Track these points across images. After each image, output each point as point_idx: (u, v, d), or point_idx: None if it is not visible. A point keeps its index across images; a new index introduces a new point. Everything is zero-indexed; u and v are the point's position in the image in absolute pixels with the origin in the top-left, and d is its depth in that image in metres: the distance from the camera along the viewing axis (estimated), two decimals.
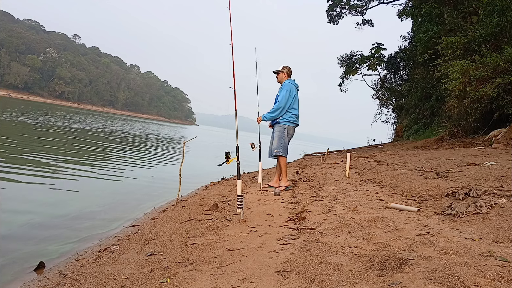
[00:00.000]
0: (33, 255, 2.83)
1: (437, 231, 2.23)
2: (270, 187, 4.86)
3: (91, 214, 4.23)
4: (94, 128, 20.46)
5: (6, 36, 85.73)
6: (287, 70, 4.99)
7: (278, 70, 4.98)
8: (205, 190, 5.56)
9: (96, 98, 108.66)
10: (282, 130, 4.79)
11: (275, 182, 4.92)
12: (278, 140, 4.77)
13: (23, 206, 4.14)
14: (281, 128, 4.80)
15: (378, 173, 5.57)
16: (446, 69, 10.30)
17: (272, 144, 4.85)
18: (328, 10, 23.62)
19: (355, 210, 2.98)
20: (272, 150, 4.81)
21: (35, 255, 2.83)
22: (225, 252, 2.33)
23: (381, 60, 23.15)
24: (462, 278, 1.50)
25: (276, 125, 4.85)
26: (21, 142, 9.57)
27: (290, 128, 4.85)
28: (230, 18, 3.72)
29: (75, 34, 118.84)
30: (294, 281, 1.71)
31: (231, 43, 3.62)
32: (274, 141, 4.81)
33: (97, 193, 5.28)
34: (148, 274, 2.15)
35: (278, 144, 4.77)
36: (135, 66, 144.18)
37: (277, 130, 4.82)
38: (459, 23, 12.29)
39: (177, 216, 3.68)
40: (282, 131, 4.78)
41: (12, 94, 78.48)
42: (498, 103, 8.91)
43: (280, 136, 4.78)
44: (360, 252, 1.99)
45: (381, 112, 25.22)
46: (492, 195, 2.94)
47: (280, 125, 4.81)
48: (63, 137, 13.16)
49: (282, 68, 4.98)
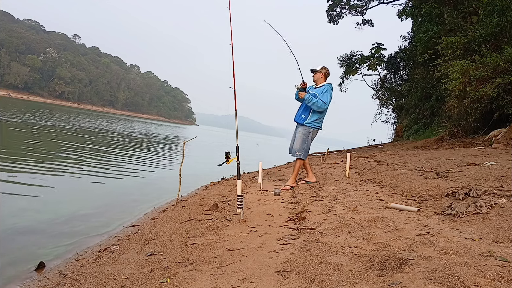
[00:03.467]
0: (33, 255, 2.83)
1: (437, 231, 2.23)
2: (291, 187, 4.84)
3: (91, 214, 4.23)
4: (96, 128, 20.46)
5: (6, 36, 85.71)
6: (326, 71, 4.87)
7: (316, 69, 4.85)
8: (205, 190, 5.56)
9: (96, 98, 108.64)
10: (307, 133, 4.78)
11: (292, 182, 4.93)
12: (302, 143, 4.77)
13: (23, 206, 4.14)
14: (306, 131, 4.78)
15: (378, 173, 5.57)
16: (446, 69, 10.30)
17: (294, 145, 4.84)
18: (328, 10, 23.60)
19: (355, 210, 2.98)
20: (294, 152, 4.82)
21: (35, 255, 2.83)
22: (225, 252, 2.33)
23: (381, 60, 23.14)
24: (462, 278, 1.50)
25: (301, 127, 4.81)
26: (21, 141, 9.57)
27: (315, 132, 4.85)
28: (230, 18, 3.71)
29: (75, 34, 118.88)
30: (294, 281, 1.71)
31: (231, 43, 3.62)
32: (297, 143, 4.80)
33: (96, 193, 5.27)
34: (148, 274, 2.15)
35: (300, 147, 4.78)
36: (135, 66, 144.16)
37: (302, 132, 4.79)
38: (459, 23, 12.29)
39: (177, 216, 3.68)
40: (307, 134, 4.78)
41: (12, 94, 78.46)
42: (498, 103, 8.91)
43: (304, 139, 4.77)
44: (360, 252, 1.99)
45: (381, 112, 25.21)
46: (492, 195, 2.94)
47: (306, 128, 4.78)
48: (65, 136, 13.16)
49: (320, 68, 4.85)
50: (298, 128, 4.88)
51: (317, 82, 4.89)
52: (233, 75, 3.48)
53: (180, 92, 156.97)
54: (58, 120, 21.79)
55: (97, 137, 15.24)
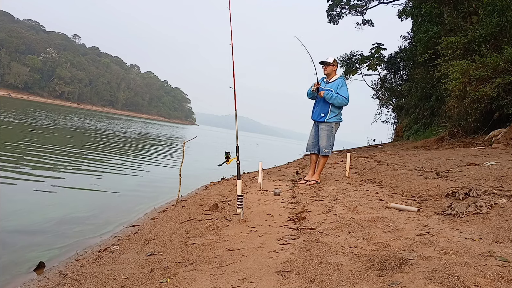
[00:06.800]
0: (33, 255, 2.83)
1: (437, 231, 2.23)
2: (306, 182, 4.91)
3: (90, 214, 4.22)
4: (98, 129, 20.47)
5: (6, 36, 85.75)
6: (337, 64, 4.91)
7: (328, 61, 4.83)
8: (205, 190, 5.56)
9: (96, 98, 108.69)
10: (330, 128, 4.82)
11: (310, 176, 5.01)
12: (327, 139, 4.81)
13: (24, 206, 4.14)
14: (329, 126, 4.81)
15: (378, 173, 5.57)
16: (446, 69, 10.30)
17: (320, 142, 4.87)
18: (328, 10, 23.62)
19: (355, 210, 2.98)
20: (322, 150, 4.85)
21: (35, 255, 2.83)
22: (225, 252, 2.33)
23: (381, 60, 23.13)
24: (462, 278, 1.50)
25: (323, 124, 4.83)
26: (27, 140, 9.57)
27: (337, 125, 4.91)
28: (230, 18, 3.71)
29: (75, 34, 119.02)
30: (294, 281, 1.71)
31: (231, 43, 3.62)
32: (323, 140, 4.83)
33: (96, 193, 5.27)
34: (148, 274, 2.15)
35: (327, 143, 4.82)
36: (135, 66, 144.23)
37: (325, 129, 4.82)
38: (459, 23, 12.29)
39: (177, 216, 3.67)
40: (330, 130, 4.82)
41: (12, 94, 78.50)
42: (498, 103, 8.91)
43: (328, 135, 4.81)
44: (360, 252, 1.99)
45: (381, 112, 25.23)
46: (492, 195, 2.94)
47: (328, 124, 4.81)
48: (65, 135, 13.15)
49: (333, 61, 4.84)
50: (320, 126, 4.88)
51: (330, 75, 4.88)
52: (233, 75, 3.48)
53: (180, 92, 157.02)
54: (59, 120, 21.81)
55: (97, 137, 15.25)
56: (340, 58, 23.84)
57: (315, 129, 5.01)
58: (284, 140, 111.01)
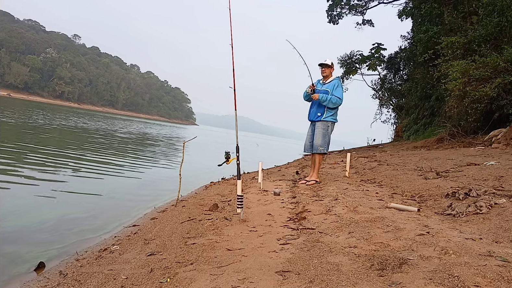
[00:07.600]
0: (33, 255, 2.83)
1: (437, 231, 2.23)
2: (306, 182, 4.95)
3: (90, 214, 4.22)
4: (97, 129, 20.47)
5: (6, 36, 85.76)
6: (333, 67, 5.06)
7: (327, 63, 4.99)
8: (205, 190, 5.56)
9: (96, 98, 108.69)
10: (326, 127, 4.90)
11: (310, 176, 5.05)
12: (323, 137, 4.88)
13: (24, 207, 4.14)
14: (325, 125, 4.90)
15: (378, 173, 5.57)
16: (446, 69, 10.30)
17: (315, 141, 4.92)
18: (328, 10, 23.62)
19: (355, 210, 2.98)
20: (316, 147, 4.91)
21: (35, 255, 2.83)
22: (225, 252, 2.33)
23: (381, 60, 23.14)
24: (462, 278, 1.50)
25: (319, 122, 4.93)
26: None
27: (332, 125, 4.98)
28: (230, 18, 3.71)
29: (75, 34, 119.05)
30: (294, 281, 1.71)
31: (231, 43, 3.62)
32: (318, 138, 4.89)
33: (95, 193, 5.27)
34: (148, 274, 2.15)
35: (323, 141, 4.88)
36: (135, 66, 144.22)
37: (321, 127, 4.90)
38: (459, 23, 12.29)
39: (177, 216, 3.67)
40: (326, 129, 4.90)
41: (12, 94, 78.50)
42: (498, 103, 8.91)
43: (324, 133, 4.89)
44: (360, 252, 1.99)
45: (381, 112, 25.25)
46: (492, 195, 2.94)
47: (324, 122, 4.90)
48: (66, 135, 13.15)
49: (331, 63, 5.02)
50: (316, 124, 4.97)
51: (328, 76, 5.00)
52: (233, 75, 3.48)
53: (180, 92, 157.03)
54: (59, 120, 21.81)
55: (97, 137, 15.25)
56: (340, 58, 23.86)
57: (311, 129, 5.09)
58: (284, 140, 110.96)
